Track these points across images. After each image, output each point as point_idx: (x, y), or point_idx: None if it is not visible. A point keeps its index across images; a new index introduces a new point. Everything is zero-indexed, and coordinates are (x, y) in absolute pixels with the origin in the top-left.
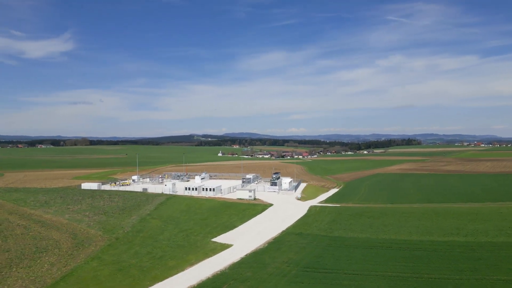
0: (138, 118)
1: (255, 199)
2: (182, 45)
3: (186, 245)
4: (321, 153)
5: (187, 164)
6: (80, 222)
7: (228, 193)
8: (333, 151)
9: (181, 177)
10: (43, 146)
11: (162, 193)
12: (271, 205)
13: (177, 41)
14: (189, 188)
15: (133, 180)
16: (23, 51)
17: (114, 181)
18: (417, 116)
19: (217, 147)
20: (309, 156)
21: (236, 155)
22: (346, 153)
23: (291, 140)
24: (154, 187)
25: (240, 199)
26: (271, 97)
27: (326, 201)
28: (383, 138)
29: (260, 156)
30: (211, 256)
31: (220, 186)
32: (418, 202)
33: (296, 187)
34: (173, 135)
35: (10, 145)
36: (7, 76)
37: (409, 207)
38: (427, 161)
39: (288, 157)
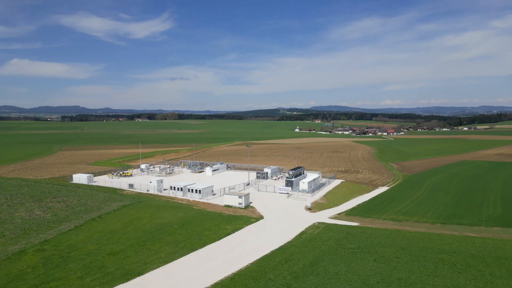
0: (229, 92)
1: (247, 206)
2: (272, 18)
3: None
4: (411, 129)
5: (252, 142)
6: None
7: (223, 195)
8: (425, 128)
9: (193, 167)
10: (140, 120)
11: (146, 192)
12: (259, 219)
13: (268, 14)
14: (174, 188)
15: (141, 169)
16: (130, 32)
17: (113, 171)
18: None
19: (299, 121)
20: (395, 133)
21: (314, 131)
22: (441, 129)
23: (381, 114)
24: (141, 183)
25: (228, 206)
26: (363, 68)
27: (349, 212)
28: (494, 111)
29: (340, 132)
30: None
31: (212, 186)
32: (491, 224)
33: (319, 187)
34: (260, 108)
35: (113, 119)
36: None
37: (464, 238)
38: None
39: (370, 134)
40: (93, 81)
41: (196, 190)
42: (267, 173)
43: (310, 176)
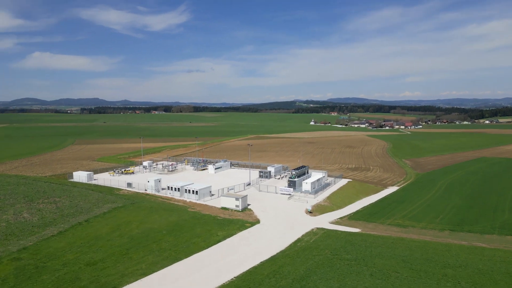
0: (245, 84)
1: (244, 209)
2: (289, 9)
3: None
4: (429, 122)
5: (264, 135)
6: None
7: (221, 196)
8: (445, 121)
9: (196, 164)
10: (156, 112)
11: (144, 192)
12: (254, 224)
13: (285, 5)
14: (171, 188)
15: (144, 167)
16: (147, 25)
17: (115, 168)
18: None
19: (314, 114)
20: (412, 127)
21: (329, 124)
22: (461, 123)
23: (400, 106)
24: (140, 182)
25: (225, 208)
26: (382, 59)
27: (352, 216)
28: None
29: (356, 125)
30: None
31: (209, 187)
32: (505, 232)
33: (323, 188)
34: (277, 101)
35: (130, 111)
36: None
37: (472, 250)
38: None
39: (387, 127)
40: (112, 74)
41: (193, 191)
42: (270, 172)
43: (315, 176)
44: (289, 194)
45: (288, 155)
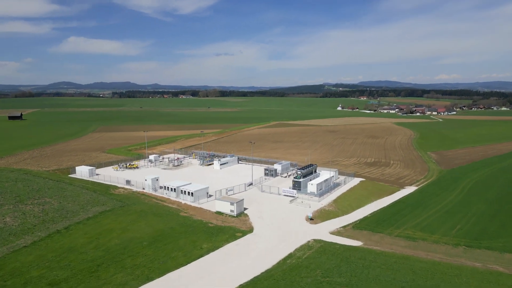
0: (274, 67)
1: (240, 214)
2: None
3: None
4: (465, 108)
5: (286, 122)
6: None
7: (216, 200)
8: (481, 106)
9: (202, 159)
10: (183, 97)
11: (141, 190)
12: (246, 233)
13: None
14: (167, 188)
15: (150, 161)
16: (177, 8)
17: (120, 162)
18: None
19: (343, 99)
20: (445, 113)
21: (357, 109)
22: (500, 108)
23: (434, 90)
24: (138, 180)
25: (219, 213)
26: (417, 40)
27: (357, 225)
28: None
29: (385, 111)
30: None
31: (207, 188)
32: None
33: (331, 189)
34: (305, 84)
35: (158, 96)
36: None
37: (486, 275)
38: None
39: (418, 114)
40: (143, 57)
41: (188, 192)
42: (276, 170)
43: (323, 175)
44: (293, 196)
45: (305, 146)
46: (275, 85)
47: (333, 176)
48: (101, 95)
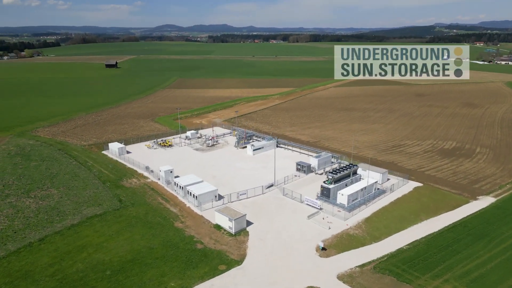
0: (378, 5)
1: (239, 232)
2: None
3: None
4: None
5: (368, 79)
6: None
7: (216, 211)
8: None
9: (238, 140)
10: (274, 42)
11: (156, 181)
12: (233, 266)
13: None
14: (176, 184)
15: (186, 137)
16: None
17: (156, 139)
18: None
19: (452, 45)
20: None
21: (467, 60)
22: None
23: None
24: (156, 167)
25: (218, 226)
26: None
27: (381, 264)
28: None
29: (503, 62)
30: None
31: (216, 190)
32: None
33: (371, 199)
34: (412, 25)
35: (249, 40)
36: None
37: None
38: None
39: None
40: None
41: (193, 194)
42: (309, 165)
43: (363, 180)
44: (316, 208)
45: (376, 118)
46: (377, 26)
47: (376, 182)
48: (198, 39)
